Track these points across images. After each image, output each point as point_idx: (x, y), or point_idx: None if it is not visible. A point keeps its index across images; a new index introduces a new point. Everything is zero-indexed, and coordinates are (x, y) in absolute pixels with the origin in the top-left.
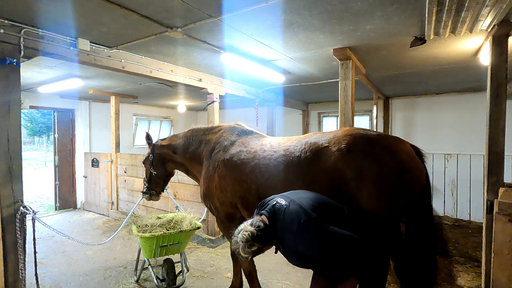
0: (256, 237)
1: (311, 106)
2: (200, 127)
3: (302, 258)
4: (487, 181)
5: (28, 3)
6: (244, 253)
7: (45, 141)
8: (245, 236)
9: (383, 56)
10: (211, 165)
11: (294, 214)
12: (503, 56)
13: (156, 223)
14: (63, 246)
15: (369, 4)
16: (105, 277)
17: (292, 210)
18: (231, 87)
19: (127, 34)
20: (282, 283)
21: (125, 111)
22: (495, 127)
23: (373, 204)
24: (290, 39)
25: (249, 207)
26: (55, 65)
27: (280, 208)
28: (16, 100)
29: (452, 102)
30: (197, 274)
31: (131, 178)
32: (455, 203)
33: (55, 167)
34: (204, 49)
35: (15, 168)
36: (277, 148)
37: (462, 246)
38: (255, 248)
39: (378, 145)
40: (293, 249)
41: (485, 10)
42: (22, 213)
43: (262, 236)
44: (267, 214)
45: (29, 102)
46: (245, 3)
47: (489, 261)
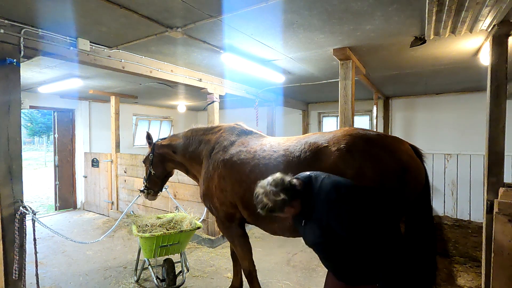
0: (287, 187)
1: (311, 106)
2: (200, 127)
3: (327, 235)
4: (487, 181)
5: (28, 3)
6: (267, 199)
7: (45, 141)
8: (277, 180)
9: (383, 56)
10: (210, 165)
11: (334, 184)
12: (503, 56)
13: (156, 223)
14: (63, 246)
15: (369, 4)
16: (105, 277)
17: (332, 180)
18: (231, 87)
19: (127, 34)
20: (282, 283)
21: (125, 111)
22: (495, 127)
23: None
24: (290, 39)
25: (249, 207)
26: (55, 65)
27: (318, 176)
28: (16, 100)
29: (452, 102)
30: (197, 274)
31: (131, 178)
32: (455, 203)
33: (55, 167)
34: (204, 49)
35: (15, 168)
36: (276, 148)
37: (462, 246)
38: (279, 199)
39: (377, 145)
40: (322, 221)
41: (485, 10)
42: (22, 213)
43: (292, 190)
44: (302, 179)
45: (29, 102)
46: (245, 3)
47: (489, 261)
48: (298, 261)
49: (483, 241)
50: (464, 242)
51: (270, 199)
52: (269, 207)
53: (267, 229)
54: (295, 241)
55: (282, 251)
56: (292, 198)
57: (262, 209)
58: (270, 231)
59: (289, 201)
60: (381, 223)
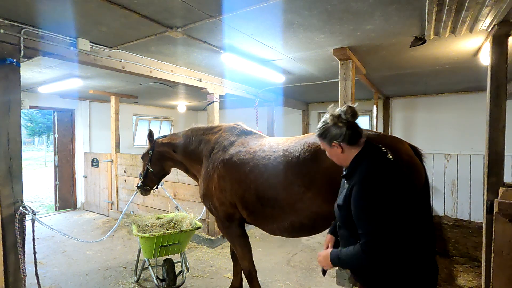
0: (354, 126)
1: (311, 106)
2: (200, 127)
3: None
4: (487, 181)
5: (28, 3)
6: (331, 118)
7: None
8: (353, 112)
9: (383, 56)
10: (210, 165)
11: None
12: (503, 56)
13: (156, 223)
14: (63, 246)
15: (369, 4)
16: (105, 277)
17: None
18: (231, 87)
19: (127, 34)
20: (282, 283)
21: (125, 111)
22: (495, 127)
23: None
24: (290, 39)
25: (248, 207)
26: (55, 65)
27: (380, 154)
28: (16, 100)
29: (452, 102)
30: (197, 274)
31: (131, 178)
32: (455, 203)
33: (55, 167)
34: (204, 49)
35: (15, 168)
36: (276, 148)
37: (462, 246)
38: (340, 126)
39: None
40: (350, 189)
41: (485, 10)
42: (22, 213)
43: (355, 133)
44: (369, 141)
45: (29, 102)
46: (245, 3)
47: (489, 261)
48: (298, 261)
49: (483, 241)
50: (464, 242)
51: (333, 120)
52: (326, 126)
53: (266, 229)
54: (295, 241)
55: (282, 251)
56: (349, 139)
57: (320, 125)
58: (269, 231)
59: (344, 139)
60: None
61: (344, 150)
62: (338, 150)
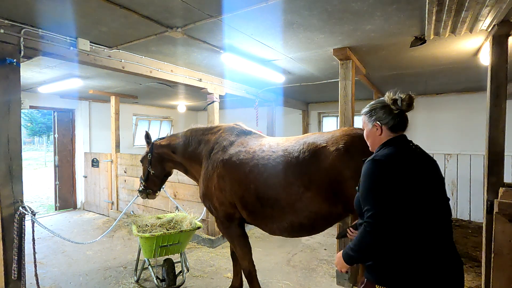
0: (403, 117)
1: (311, 106)
2: (199, 127)
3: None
4: (487, 181)
5: (28, 3)
6: (388, 98)
7: (45, 141)
8: (409, 98)
9: (383, 56)
10: (210, 165)
11: (378, 160)
12: (503, 56)
13: (156, 223)
14: (63, 246)
15: (369, 4)
16: (105, 277)
17: (384, 157)
18: (231, 87)
19: (127, 34)
20: (282, 283)
21: (125, 111)
22: (495, 127)
23: None
24: (290, 39)
25: (248, 207)
26: (55, 65)
27: (406, 143)
28: (16, 100)
29: (452, 102)
30: (197, 274)
31: (131, 178)
32: (455, 203)
33: (55, 167)
34: (204, 49)
35: (15, 168)
36: (275, 148)
37: (462, 246)
38: (394, 108)
39: None
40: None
41: (485, 10)
42: (21, 213)
43: (403, 120)
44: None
45: (29, 102)
46: (245, 3)
47: (489, 261)
48: (298, 261)
49: (483, 241)
50: (464, 242)
51: (388, 102)
52: (378, 106)
53: (266, 229)
54: (295, 241)
55: (282, 251)
56: (392, 125)
57: (372, 103)
58: (269, 231)
59: (388, 123)
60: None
61: (382, 134)
62: (378, 132)
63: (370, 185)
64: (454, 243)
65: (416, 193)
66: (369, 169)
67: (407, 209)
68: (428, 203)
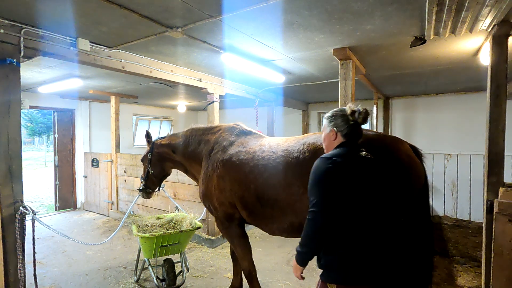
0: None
1: (311, 106)
2: (199, 127)
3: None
4: (487, 181)
5: (28, 3)
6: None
7: (45, 141)
8: (365, 113)
9: (383, 56)
10: (210, 165)
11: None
12: (503, 56)
13: (156, 223)
14: (63, 246)
15: (369, 4)
16: (105, 277)
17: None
18: (231, 87)
19: (127, 34)
20: (282, 283)
21: (125, 111)
22: (495, 127)
23: None
24: (290, 39)
25: (248, 207)
26: (55, 65)
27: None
28: (16, 100)
29: (452, 102)
30: (197, 274)
31: (131, 178)
32: (455, 203)
33: (55, 167)
34: (204, 49)
35: (15, 168)
36: (275, 148)
37: (462, 246)
38: (350, 119)
39: (376, 145)
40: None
41: (485, 10)
42: (22, 213)
43: (357, 130)
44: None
45: (29, 102)
46: (245, 3)
47: (489, 261)
48: None
49: (483, 241)
50: (464, 242)
51: (347, 112)
52: (338, 114)
53: (265, 229)
54: (295, 241)
55: (282, 251)
56: (346, 133)
57: (335, 110)
58: (269, 231)
59: (343, 131)
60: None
61: (336, 139)
62: (333, 137)
63: (315, 179)
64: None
65: (352, 191)
66: (315, 165)
67: (343, 204)
68: (362, 202)
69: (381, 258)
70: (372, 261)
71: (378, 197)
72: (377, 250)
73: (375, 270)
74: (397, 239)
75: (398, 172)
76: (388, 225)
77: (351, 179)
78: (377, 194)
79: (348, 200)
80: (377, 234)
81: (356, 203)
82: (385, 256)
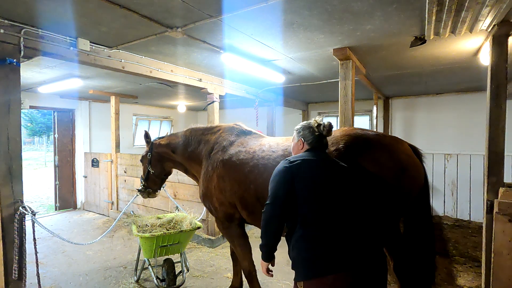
0: (323, 134)
1: (311, 106)
2: (199, 127)
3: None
4: (487, 181)
5: (28, 3)
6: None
7: (45, 141)
8: (328, 126)
9: (383, 56)
10: (210, 166)
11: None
12: (503, 56)
13: (156, 223)
14: (63, 246)
15: (369, 4)
16: (105, 277)
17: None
18: (231, 87)
19: (127, 34)
20: (282, 283)
21: (125, 111)
22: (495, 127)
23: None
24: (290, 39)
25: (247, 207)
26: (55, 65)
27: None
28: (16, 100)
29: (452, 102)
30: (197, 274)
31: (131, 178)
32: (455, 203)
33: (55, 167)
34: (204, 49)
35: (15, 168)
36: (275, 148)
37: (462, 246)
38: (316, 131)
39: (376, 145)
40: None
41: (485, 10)
42: (22, 213)
43: (321, 141)
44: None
45: (29, 102)
46: (245, 3)
47: (489, 261)
48: None
49: (483, 241)
50: (464, 242)
51: (313, 125)
52: (306, 126)
53: None
54: None
55: (282, 251)
56: (310, 143)
57: (304, 123)
58: None
59: (308, 142)
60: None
61: (303, 148)
62: (300, 146)
63: (272, 177)
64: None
65: (309, 188)
66: (277, 166)
67: (299, 199)
68: (320, 198)
69: (339, 250)
70: (330, 253)
71: (340, 194)
72: (334, 243)
73: (334, 261)
74: (363, 232)
75: (398, 172)
76: (351, 219)
77: (308, 177)
78: (339, 192)
79: (304, 196)
80: (336, 228)
81: (313, 199)
82: (344, 247)
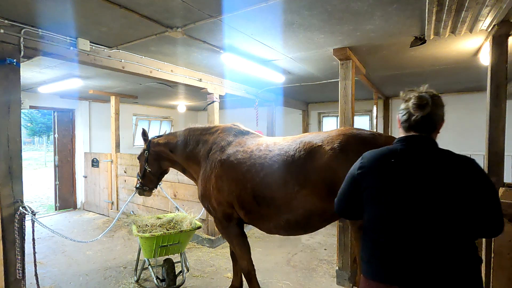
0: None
1: (311, 106)
2: (197, 127)
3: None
4: None
5: (28, 3)
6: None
7: (45, 141)
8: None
9: (383, 56)
10: (208, 166)
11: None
12: (503, 56)
13: (156, 223)
14: (63, 246)
15: (369, 4)
16: (105, 277)
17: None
18: (231, 87)
19: (127, 34)
20: (282, 283)
21: (125, 111)
22: (495, 127)
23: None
24: (290, 39)
25: (244, 206)
26: (55, 65)
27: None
28: (16, 100)
29: (452, 102)
30: (197, 274)
31: (131, 178)
32: None
33: (55, 167)
34: (204, 49)
35: (15, 168)
36: (272, 147)
37: None
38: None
39: (371, 144)
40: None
41: (485, 10)
42: (22, 213)
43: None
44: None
45: (29, 102)
46: (245, 3)
47: (489, 261)
48: (298, 261)
49: (483, 241)
50: None
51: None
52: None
53: (263, 228)
54: (295, 241)
55: (282, 251)
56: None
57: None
58: (266, 230)
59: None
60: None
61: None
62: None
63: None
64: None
65: (386, 190)
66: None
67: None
68: (397, 203)
69: (410, 259)
70: (398, 261)
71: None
72: (406, 251)
73: (399, 270)
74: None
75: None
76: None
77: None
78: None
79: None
80: (410, 234)
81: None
82: (415, 258)
